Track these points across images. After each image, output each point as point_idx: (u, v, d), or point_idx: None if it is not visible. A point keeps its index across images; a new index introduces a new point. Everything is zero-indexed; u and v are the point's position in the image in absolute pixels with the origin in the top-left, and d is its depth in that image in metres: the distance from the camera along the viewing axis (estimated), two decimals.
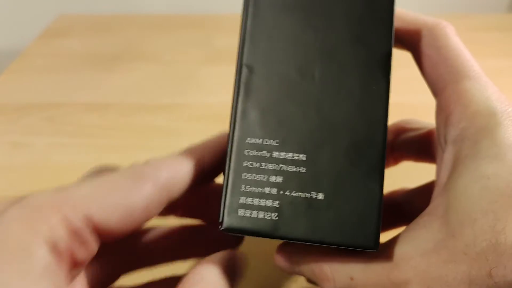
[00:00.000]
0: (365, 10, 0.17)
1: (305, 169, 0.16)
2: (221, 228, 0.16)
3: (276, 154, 0.16)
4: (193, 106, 0.42)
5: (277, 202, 0.16)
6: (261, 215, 0.16)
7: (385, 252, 0.16)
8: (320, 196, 0.16)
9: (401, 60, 0.22)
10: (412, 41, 0.19)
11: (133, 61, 0.49)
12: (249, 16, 0.17)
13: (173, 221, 0.21)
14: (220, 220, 0.16)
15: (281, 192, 0.16)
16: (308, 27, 0.17)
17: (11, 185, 0.34)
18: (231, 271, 0.17)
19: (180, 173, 0.17)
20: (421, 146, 0.22)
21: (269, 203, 0.16)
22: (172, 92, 0.44)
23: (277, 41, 0.17)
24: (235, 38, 0.60)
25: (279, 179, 0.16)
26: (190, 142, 0.38)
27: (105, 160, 0.36)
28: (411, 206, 0.22)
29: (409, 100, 0.36)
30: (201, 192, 0.20)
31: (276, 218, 0.16)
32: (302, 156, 0.16)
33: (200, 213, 0.21)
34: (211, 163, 0.18)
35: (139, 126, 0.40)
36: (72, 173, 0.35)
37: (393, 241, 0.16)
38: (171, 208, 0.19)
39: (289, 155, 0.16)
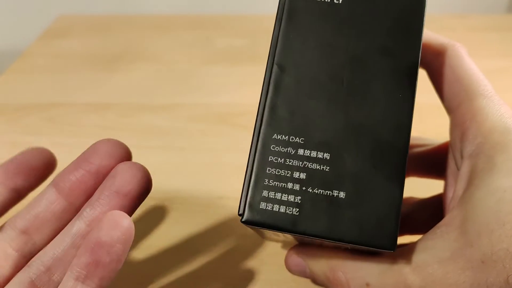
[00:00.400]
0: (395, 22, 0.17)
1: (328, 167, 0.17)
2: (242, 220, 0.16)
3: (301, 152, 0.17)
4: (193, 106, 0.42)
5: (299, 197, 0.16)
6: (282, 209, 0.16)
7: (401, 258, 0.16)
8: (342, 194, 0.16)
9: None
10: (427, 59, 0.20)
11: (133, 61, 0.49)
12: (284, 18, 0.18)
13: None
14: (241, 212, 0.16)
15: (304, 188, 0.16)
16: (340, 35, 0.18)
17: None
18: None
19: None
20: (428, 162, 0.23)
21: (291, 198, 0.16)
22: (172, 92, 0.44)
23: (309, 45, 0.18)
24: (235, 38, 0.60)
25: (303, 175, 0.17)
26: (190, 142, 0.38)
27: None
28: (417, 216, 0.23)
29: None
30: None
31: (297, 214, 0.16)
32: (326, 155, 0.17)
33: None
34: (22, 180, 0.19)
35: (139, 126, 0.40)
36: None
37: (409, 249, 0.17)
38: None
39: (313, 153, 0.17)
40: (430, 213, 0.21)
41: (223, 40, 0.53)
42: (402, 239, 0.22)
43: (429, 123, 0.22)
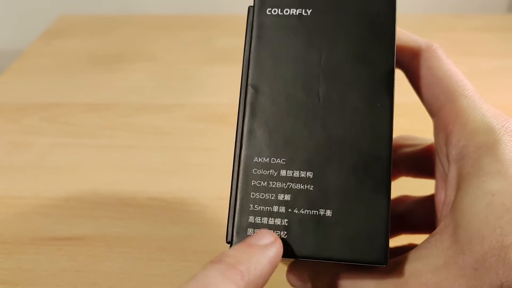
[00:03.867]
0: (367, 29, 0.17)
1: (312, 186, 0.16)
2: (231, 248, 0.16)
3: (283, 173, 0.17)
4: (193, 106, 0.42)
5: (285, 220, 0.16)
6: None
7: (396, 269, 0.16)
8: (328, 212, 0.16)
9: None
10: (404, 60, 0.20)
11: (133, 61, 0.49)
12: (253, 37, 0.18)
13: None
14: (229, 240, 0.16)
15: (290, 210, 0.16)
16: (312, 47, 0.17)
17: (11, 185, 0.34)
18: None
19: None
20: (419, 162, 0.22)
21: (277, 221, 0.16)
22: (172, 92, 0.44)
23: (281, 61, 0.17)
24: (235, 38, 0.60)
25: (287, 197, 0.16)
26: (190, 142, 0.38)
27: (105, 160, 0.36)
28: (412, 215, 0.23)
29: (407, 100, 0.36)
30: None
31: (285, 236, 0.16)
32: (309, 174, 0.16)
33: None
34: None
35: (139, 126, 0.40)
36: (72, 173, 0.35)
37: (404, 259, 0.16)
38: None
39: (296, 173, 0.16)
40: (426, 212, 0.21)
41: (223, 40, 0.53)
42: (399, 239, 0.22)
43: (428, 123, 0.22)
